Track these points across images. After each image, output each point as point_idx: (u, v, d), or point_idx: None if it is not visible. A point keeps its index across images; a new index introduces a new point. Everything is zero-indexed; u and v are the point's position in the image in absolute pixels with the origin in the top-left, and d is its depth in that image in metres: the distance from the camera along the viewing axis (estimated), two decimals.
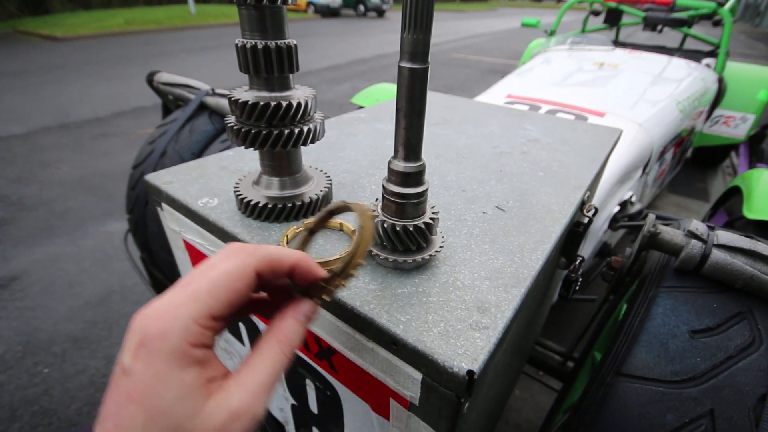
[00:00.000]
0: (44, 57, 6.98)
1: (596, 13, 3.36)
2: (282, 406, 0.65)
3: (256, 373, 0.25)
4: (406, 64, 0.32)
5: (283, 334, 0.28)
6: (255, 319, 0.54)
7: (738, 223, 1.28)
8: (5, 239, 2.28)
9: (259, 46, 0.40)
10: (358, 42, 9.55)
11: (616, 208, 1.46)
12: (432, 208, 0.42)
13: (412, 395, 0.36)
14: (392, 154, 0.38)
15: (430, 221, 0.40)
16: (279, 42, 0.41)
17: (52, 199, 2.67)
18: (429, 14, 0.30)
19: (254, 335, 0.58)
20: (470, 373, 0.30)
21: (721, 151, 3.19)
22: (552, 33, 3.16)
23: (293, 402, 0.60)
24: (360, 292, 0.38)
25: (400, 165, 0.37)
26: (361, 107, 1.94)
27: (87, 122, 4.03)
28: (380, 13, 16.82)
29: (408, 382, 0.36)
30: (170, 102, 1.31)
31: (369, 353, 0.38)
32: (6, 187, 2.80)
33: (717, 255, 0.51)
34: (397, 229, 0.38)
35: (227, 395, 0.23)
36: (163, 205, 0.58)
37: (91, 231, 2.37)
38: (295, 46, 0.43)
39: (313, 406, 0.55)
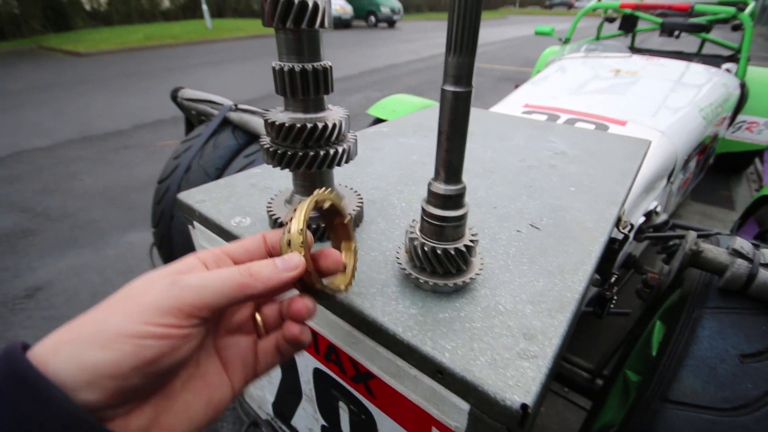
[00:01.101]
0: (67, 72, 7.23)
1: (611, 20, 3.33)
2: (311, 426, 0.64)
3: (211, 275, 0.27)
4: (450, 88, 0.32)
5: (255, 266, 0.28)
6: None
7: None
8: (31, 250, 2.34)
9: (297, 69, 0.40)
10: (369, 52, 9.65)
11: (642, 219, 1.43)
12: (470, 229, 0.41)
13: (458, 426, 0.35)
14: (419, 168, 0.37)
15: (471, 243, 0.39)
16: (315, 64, 0.41)
17: (76, 211, 2.74)
18: (474, 38, 0.30)
19: None
20: (524, 407, 0.29)
21: (745, 157, 3.10)
22: (567, 41, 3.15)
23: (324, 423, 0.59)
24: (401, 317, 0.37)
25: (441, 187, 0.36)
26: (377, 118, 1.95)
27: (109, 135, 4.14)
28: (391, 23, 16.99)
29: (453, 411, 0.35)
30: (193, 117, 1.33)
31: (411, 380, 0.37)
32: (31, 199, 2.89)
33: (765, 275, 0.48)
34: (438, 252, 0.38)
35: (183, 276, 0.26)
36: (195, 223, 0.59)
37: (113, 242, 2.42)
38: (331, 67, 0.43)
39: (346, 429, 0.54)
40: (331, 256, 0.33)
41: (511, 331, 0.36)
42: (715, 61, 2.79)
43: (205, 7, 12.49)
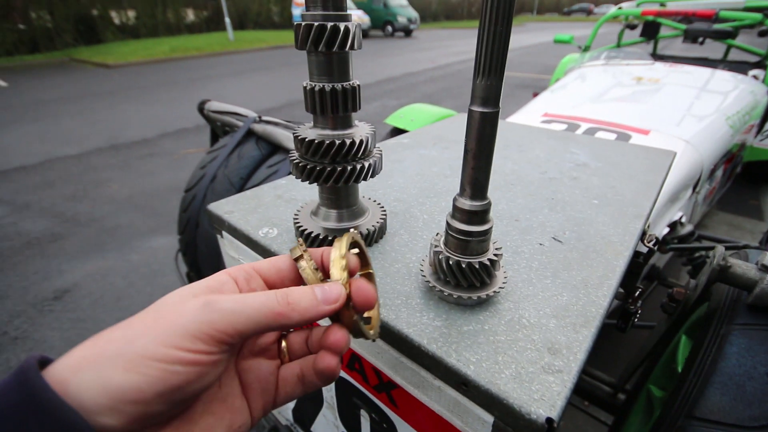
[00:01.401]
0: (96, 83, 7.55)
1: (632, 27, 3.28)
2: None
3: (245, 299, 0.26)
4: (477, 108, 0.33)
5: (293, 294, 0.27)
6: None
7: None
8: (60, 253, 2.44)
9: (327, 89, 0.42)
10: (386, 62, 9.75)
11: (666, 230, 1.40)
12: (494, 243, 0.42)
13: None
14: (440, 180, 0.38)
15: (495, 258, 0.39)
16: (344, 84, 0.43)
17: (103, 216, 2.84)
18: (503, 63, 0.31)
19: None
20: (549, 421, 0.30)
21: None
22: (587, 48, 3.12)
23: (344, 430, 0.60)
24: (426, 329, 0.38)
25: (467, 203, 0.38)
26: (395, 128, 1.97)
27: (135, 143, 4.30)
28: (408, 33, 17.15)
29: (477, 423, 0.35)
30: (218, 128, 1.38)
31: (435, 391, 0.38)
32: (61, 205, 3.01)
33: None
34: (463, 266, 0.39)
35: (217, 297, 0.25)
36: (224, 233, 0.61)
37: (138, 246, 2.50)
38: (359, 86, 0.45)
39: None
40: (363, 291, 0.30)
41: (536, 345, 0.36)
42: (741, 67, 2.72)
43: (227, 19, 12.88)
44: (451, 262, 0.39)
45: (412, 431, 0.45)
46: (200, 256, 1.13)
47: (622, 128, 1.59)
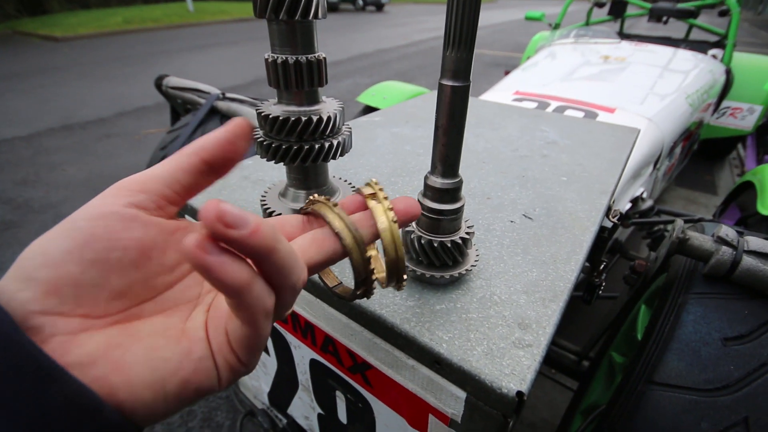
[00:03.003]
0: (44, 58, 6.96)
1: (600, 5, 3.32)
2: (308, 415, 0.65)
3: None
4: (447, 82, 0.32)
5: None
6: (282, 330, 0.54)
7: (752, 219, 1.27)
8: (14, 243, 2.29)
9: (290, 61, 0.39)
10: (357, 37, 9.48)
11: (628, 205, 1.46)
12: (466, 221, 0.41)
13: (454, 413, 0.36)
14: (412, 159, 0.37)
15: (467, 236, 0.39)
16: (309, 56, 0.40)
17: (60, 202, 2.68)
18: (472, 33, 0.30)
19: (279, 347, 0.58)
20: (519, 394, 0.30)
21: (728, 143, 3.16)
22: (557, 26, 3.13)
23: (320, 411, 0.60)
24: (398, 309, 0.38)
25: (438, 181, 0.37)
26: (367, 106, 1.93)
27: (90, 123, 4.03)
28: (379, 7, 16.68)
29: (450, 400, 0.36)
30: (179, 106, 1.30)
31: (409, 370, 0.38)
32: (12, 190, 2.81)
33: (748, 261, 0.50)
34: (435, 245, 0.38)
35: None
36: (187, 217, 0.58)
37: None
38: (325, 59, 0.42)
39: (343, 416, 0.55)
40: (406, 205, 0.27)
41: (506, 321, 0.37)
42: (701, 47, 2.81)
43: None
44: (423, 242, 0.39)
45: (387, 410, 0.45)
46: None
47: (589, 106, 1.62)
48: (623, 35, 3.12)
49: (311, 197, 0.27)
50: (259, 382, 0.75)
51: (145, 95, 4.77)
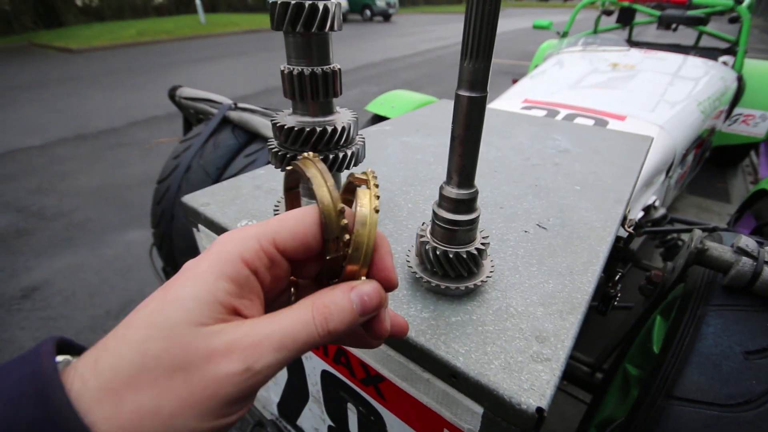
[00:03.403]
0: (60, 69, 7.14)
1: (608, 13, 3.32)
2: (317, 426, 0.64)
3: (273, 324, 0.21)
4: (465, 93, 0.32)
5: (323, 300, 0.23)
6: None
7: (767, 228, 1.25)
8: (26, 250, 2.33)
9: (306, 73, 0.40)
10: (365, 47, 9.59)
11: (640, 214, 1.44)
12: (481, 232, 0.41)
13: (471, 428, 0.35)
14: (423, 168, 0.37)
15: (482, 246, 0.39)
16: (324, 68, 0.41)
17: (72, 210, 2.72)
18: (490, 44, 0.30)
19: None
20: (539, 410, 0.30)
21: (741, 150, 3.12)
22: (565, 34, 3.14)
23: (331, 423, 0.59)
24: (413, 321, 0.37)
25: (453, 192, 0.36)
26: (376, 115, 1.94)
27: (103, 133, 4.10)
28: (386, 17, 16.88)
29: (466, 414, 0.35)
30: (192, 116, 1.32)
31: (424, 384, 0.37)
32: (26, 198, 2.86)
33: None
34: (450, 256, 0.38)
35: (235, 328, 0.21)
36: (200, 226, 0.58)
37: (110, 240, 2.41)
38: (340, 70, 0.42)
39: (354, 429, 0.54)
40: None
41: (524, 334, 0.36)
42: (712, 53, 2.79)
43: (198, 1, 12.34)
44: (438, 253, 0.38)
45: (400, 423, 0.44)
46: (176, 250, 1.09)
47: (599, 114, 1.61)
48: (632, 43, 3.11)
49: (304, 154, 0.27)
50: (268, 393, 0.74)
51: (157, 105, 4.85)
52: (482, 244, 0.39)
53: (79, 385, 0.18)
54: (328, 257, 0.24)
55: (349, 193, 0.28)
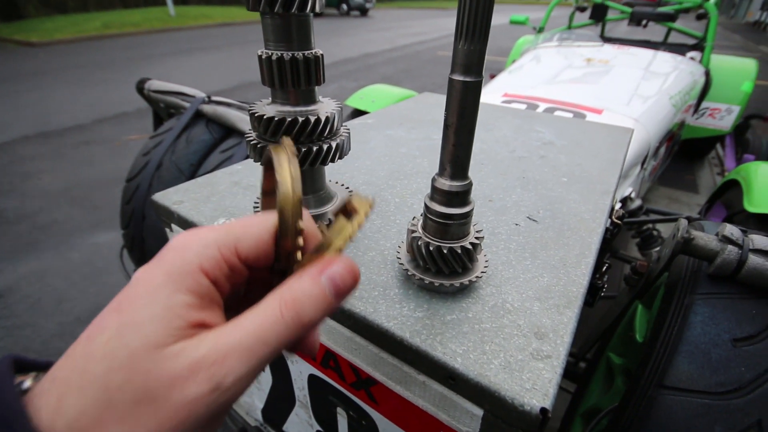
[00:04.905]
0: (20, 63, 6.74)
1: (582, 9, 3.38)
2: None
3: (238, 331, 0.19)
4: (459, 77, 0.30)
5: (291, 293, 0.21)
6: None
7: (738, 216, 1.29)
8: None
9: (286, 58, 0.37)
10: (342, 41, 9.48)
11: (618, 205, 1.46)
12: (474, 225, 0.39)
13: (469, 431, 0.34)
14: (408, 162, 0.35)
15: (476, 241, 0.37)
16: (306, 53, 0.38)
17: (35, 212, 2.57)
18: (487, 23, 0.28)
19: (274, 362, 0.55)
20: (543, 411, 0.28)
21: (708, 142, 3.24)
22: (541, 30, 3.18)
23: (319, 429, 0.57)
24: (407, 321, 0.35)
25: (446, 183, 0.35)
26: (356, 109, 1.90)
27: (68, 130, 3.90)
28: (363, 11, 16.74)
29: (465, 417, 0.33)
30: (162, 110, 1.26)
31: (419, 386, 0.35)
32: None
33: (754, 260, 0.50)
34: (444, 251, 0.36)
35: (197, 344, 0.19)
36: (174, 227, 0.55)
37: (78, 244, 2.29)
38: (322, 56, 0.40)
39: None
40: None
41: (522, 331, 0.35)
42: (680, 49, 2.88)
43: None
44: (431, 248, 0.36)
45: (393, 427, 0.42)
46: (149, 252, 1.04)
47: (577, 108, 1.63)
48: (605, 39, 3.18)
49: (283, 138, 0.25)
50: (251, 398, 0.71)
51: (125, 101, 4.65)
52: (476, 238, 0.37)
53: (46, 424, 0.17)
54: (276, 262, 0.23)
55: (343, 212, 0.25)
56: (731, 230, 0.52)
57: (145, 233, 1.04)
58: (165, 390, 0.17)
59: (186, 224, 0.51)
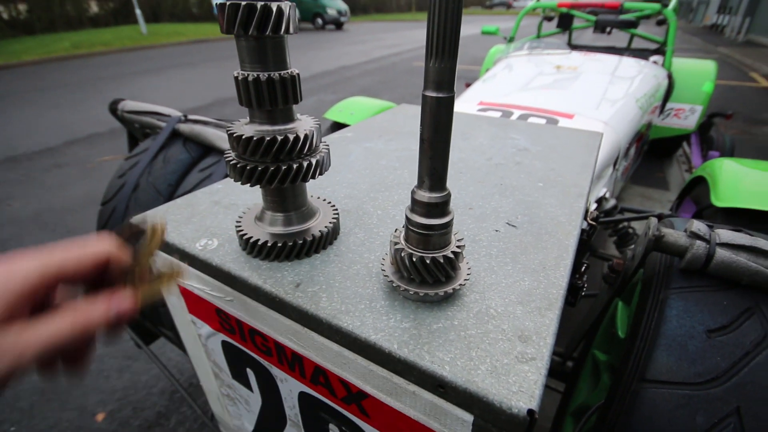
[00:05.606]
0: None
1: (549, 19, 3.52)
2: None
3: (34, 330, 0.27)
4: (431, 93, 0.31)
5: (85, 311, 0.29)
6: (266, 363, 0.51)
7: (707, 211, 1.35)
8: None
9: (262, 79, 0.37)
10: (319, 55, 9.54)
11: (594, 205, 1.51)
12: (455, 234, 0.40)
13: None
14: (389, 174, 0.36)
15: (458, 249, 0.38)
16: (282, 73, 0.38)
17: (5, 239, 2.46)
18: (455, 42, 0.29)
19: (263, 382, 0.54)
20: (531, 412, 0.29)
21: (675, 141, 3.39)
22: (511, 39, 3.28)
23: None
24: (394, 332, 0.36)
25: (425, 195, 0.35)
26: (335, 122, 1.91)
27: (37, 153, 3.78)
28: (338, 25, 16.92)
29: (456, 424, 0.34)
30: (137, 131, 1.23)
31: (410, 396, 0.35)
32: None
33: (721, 254, 0.52)
34: (427, 261, 0.37)
35: (19, 332, 0.26)
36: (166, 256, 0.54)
37: None
38: (298, 75, 0.40)
39: None
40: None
41: (506, 335, 0.36)
42: (643, 54, 3.02)
43: (138, 11, 11.75)
44: (414, 259, 0.37)
45: None
46: None
47: (550, 113, 1.69)
48: (572, 46, 3.31)
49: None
50: (241, 421, 0.69)
51: (97, 122, 4.54)
52: (458, 246, 0.38)
53: None
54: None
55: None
56: (698, 226, 0.55)
57: None
58: None
59: (167, 247, 0.51)
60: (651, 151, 3.59)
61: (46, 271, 0.28)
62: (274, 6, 0.34)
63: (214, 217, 0.54)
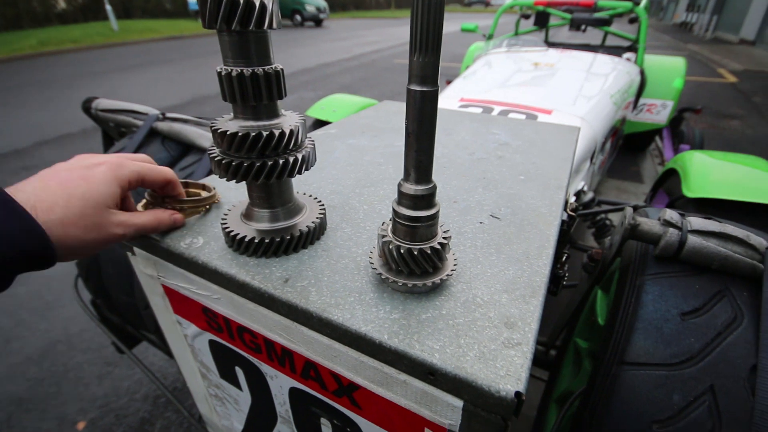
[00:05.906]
0: None
1: (526, 17, 3.58)
2: None
3: (137, 216, 0.45)
4: (416, 87, 0.31)
5: (161, 214, 0.48)
6: (255, 361, 0.51)
7: (679, 202, 1.40)
8: None
9: (246, 74, 0.37)
10: (298, 52, 9.44)
11: (572, 198, 1.55)
12: (441, 226, 0.41)
13: (452, 423, 0.35)
14: (374, 169, 0.37)
15: (444, 240, 0.39)
16: (266, 68, 0.38)
17: None
18: (438, 37, 0.30)
19: (253, 380, 0.54)
20: (518, 394, 0.30)
21: (648, 136, 3.51)
22: (490, 36, 3.32)
23: None
24: (384, 323, 0.36)
25: (412, 188, 0.36)
26: (318, 120, 1.90)
27: (4, 156, 3.62)
28: (318, 22, 16.77)
29: (447, 410, 0.34)
30: (112, 130, 1.20)
31: (401, 386, 0.36)
32: None
33: (693, 240, 0.55)
34: (414, 252, 0.37)
35: (120, 213, 0.43)
36: (136, 249, 0.53)
37: (24, 278, 2.12)
38: (282, 70, 0.40)
39: None
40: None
41: (493, 322, 0.37)
42: (617, 51, 3.11)
43: (108, 7, 11.35)
44: (402, 251, 0.38)
45: (378, 430, 0.43)
46: (107, 279, 0.98)
47: (529, 109, 1.72)
48: (549, 43, 3.38)
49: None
50: (230, 421, 0.69)
51: (68, 121, 4.38)
52: (444, 238, 0.39)
53: (42, 218, 0.36)
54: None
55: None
56: (671, 214, 0.57)
57: (101, 260, 0.98)
58: (105, 227, 0.41)
59: (151, 247, 0.50)
60: (625, 146, 3.70)
61: (140, 173, 0.44)
62: (257, 0, 0.34)
63: (198, 215, 0.54)
